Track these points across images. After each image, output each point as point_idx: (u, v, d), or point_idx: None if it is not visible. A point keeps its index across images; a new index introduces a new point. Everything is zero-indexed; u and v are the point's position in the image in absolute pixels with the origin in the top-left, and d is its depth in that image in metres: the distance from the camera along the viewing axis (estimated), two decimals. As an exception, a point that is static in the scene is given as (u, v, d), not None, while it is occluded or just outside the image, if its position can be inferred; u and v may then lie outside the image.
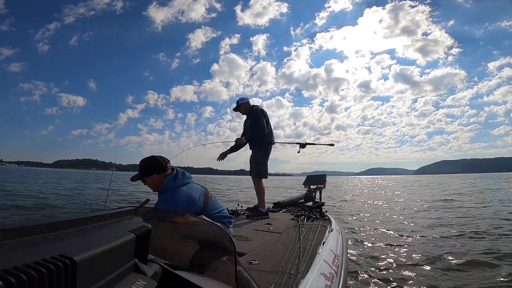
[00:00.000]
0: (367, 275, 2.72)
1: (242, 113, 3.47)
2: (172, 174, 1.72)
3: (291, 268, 1.35)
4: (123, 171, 79.35)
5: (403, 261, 3.18)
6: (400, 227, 5.26)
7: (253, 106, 3.45)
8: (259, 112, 3.35)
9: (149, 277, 0.55)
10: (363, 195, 14.49)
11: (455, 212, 7.00)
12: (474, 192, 13.79)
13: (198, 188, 1.76)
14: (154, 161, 1.73)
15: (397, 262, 3.14)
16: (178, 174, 1.72)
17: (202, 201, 1.69)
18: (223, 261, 0.80)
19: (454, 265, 3.00)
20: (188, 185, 1.72)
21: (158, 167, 1.71)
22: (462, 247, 3.68)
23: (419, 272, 2.81)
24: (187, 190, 1.68)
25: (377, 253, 3.46)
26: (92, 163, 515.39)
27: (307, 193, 4.09)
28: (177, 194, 1.64)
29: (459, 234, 4.46)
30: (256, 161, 3.36)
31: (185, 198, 1.63)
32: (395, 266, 3.02)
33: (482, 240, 4.00)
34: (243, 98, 3.46)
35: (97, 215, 0.58)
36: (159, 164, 1.72)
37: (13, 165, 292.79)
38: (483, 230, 4.69)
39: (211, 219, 1.60)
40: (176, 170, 1.75)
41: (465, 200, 10.13)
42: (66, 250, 0.38)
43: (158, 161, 1.73)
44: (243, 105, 3.42)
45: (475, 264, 2.97)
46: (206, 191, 1.79)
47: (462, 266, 2.94)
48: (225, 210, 1.90)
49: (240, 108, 3.43)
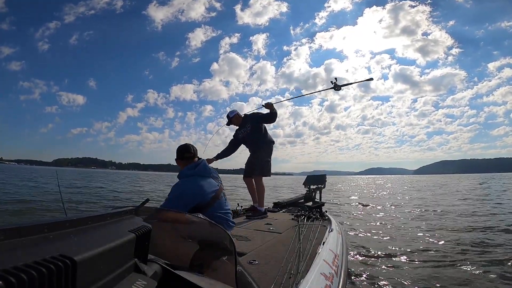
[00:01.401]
0: (367, 275, 2.72)
1: (235, 124, 3.55)
2: (194, 164, 1.87)
3: (291, 268, 1.35)
4: (123, 170, 79.28)
5: (403, 261, 3.19)
6: (401, 227, 5.26)
7: (245, 114, 3.57)
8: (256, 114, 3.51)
9: (149, 277, 0.55)
10: (364, 195, 14.49)
11: (456, 213, 7.00)
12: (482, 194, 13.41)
13: (213, 184, 1.84)
14: (178, 148, 1.98)
15: (397, 262, 3.14)
16: (199, 165, 1.86)
17: (210, 197, 1.76)
18: (223, 261, 0.80)
19: (454, 265, 3.00)
20: (204, 178, 1.82)
21: (179, 153, 1.95)
22: (463, 248, 3.68)
23: (420, 272, 2.81)
24: (199, 181, 1.77)
25: (377, 253, 3.46)
26: (92, 161, 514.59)
27: (307, 193, 4.09)
28: (188, 182, 1.75)
29: (460, 235, 4.47)
30: (262, 159, 3.41)
31: (193, 187, 1.73)
32: (395, 266, 3.02)
33: (485, 244, 3.98)
34: (232, 111, 3.54)
35: (97, 215, 0.58)
36: (180, 151, 1.95)
37: (12, 163, 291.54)
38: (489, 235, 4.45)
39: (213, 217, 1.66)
40: (201, 161, 1.90)
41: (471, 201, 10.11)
42: (66, 250, 0.38)
43: (180, 149, 1.97)
44: (235, 117, 3.50)
45: (477, 265, 2.96)
46: (219, 190, 1.86)
47: (463, 267, 2.94)
48: (230, 214, 1.94)
49: (233, 121, 3.51)
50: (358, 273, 2.77)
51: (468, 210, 7.41)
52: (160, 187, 17.02)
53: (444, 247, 3.74)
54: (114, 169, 70.04)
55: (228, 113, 3.54)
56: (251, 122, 3.45)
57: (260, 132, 3.44)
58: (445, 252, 3.49)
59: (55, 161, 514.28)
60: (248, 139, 3.49)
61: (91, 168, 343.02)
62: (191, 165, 1.86)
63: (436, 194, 14.00)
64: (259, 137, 3.44)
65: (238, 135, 3.55)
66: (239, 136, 3.54)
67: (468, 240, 4.05)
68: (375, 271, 2.86)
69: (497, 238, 4.14)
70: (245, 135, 3.49)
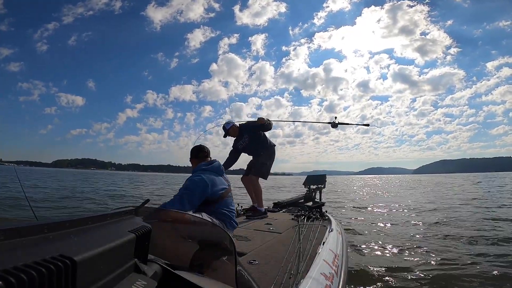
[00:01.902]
0: (367, 275, 2.72)
1: (232, 135, 3.58)
2: (208, 162, 2.01)
3: (291, 268, 1.35)
4: (123, 171, 78.99)
5: (403, 261, 3.19)
6: (401, 228, 5.26)
7: (240, 124, 3.60)
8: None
9: (149, 277, 0.55)
10: (364, 196, 14.49)
11: (457, 213, 7.00)
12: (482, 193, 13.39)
13: (223, 182, 1.94)
14: (194, 148, 2.16)
15: (398, 262, 3.14)
16: (214, 163, 1.99)
17: (220, 193, 1.85)
18: (223, 261, 0.80)
19: (455, 265, 3.00)
20: (217, 175, 1.93)
21: (194, 153, 2.12)
22: (464, 248, 3.68)
23: (420, 272, 2.81)
24: (212, 176, 1.89)
25: (377, 253, 3.46)
26: (91, 162, 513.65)
27: (307, 193, 4.09)
28: (201, 175, 1.86)
29: (460, 235, 4.46)
30: (261, 162, 3.46)
31: (206, 180, 1.83)
32: (396, 266, 3.02)
33: (487, 245, 3.98)
34: (229, 122, 3.57)
35: (97, 215, 0.58)
36: (195, 151, 2.13)
37: (12, 164, 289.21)
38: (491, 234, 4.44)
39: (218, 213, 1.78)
40: (215, 160, 2.05)
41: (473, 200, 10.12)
42: (66, 250, 0.38)
43: (195, 149, 2.14)
44: (232, 128, 3.53)
45: (478, 266, 2.96)
46: (228, 189, 1.96)
47: (463, 267, 2.94)
48: (235, 214, 2.01)
49: (230, 132, 3.54)
50: (358, 273, 2.77)
51: (467, 210, 7.42)
52: (160, 188, 17.00)
53: (444, 247, 3.74)
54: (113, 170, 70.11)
55: (224, 124, 3.56)
56: (247, 132, 3.51)
57: (259, 140, 3.50)
58: (445, 252, 3.49)
59: (55, 162, 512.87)
60: (248, 149, 3.56)
61: (91, 169, 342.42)
62: (206, 162, 2.01)
63: (435, 194, 14.00)
64: (258, 145, 3.50)
65: (238, 146, 3.59)
66: (239, 147, 3.59)
67: (468, 240, 4.06)
68: (375, 271, 2.85)
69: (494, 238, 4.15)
70: (245, 146, 3.54)
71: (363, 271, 2.81)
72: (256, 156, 3.54)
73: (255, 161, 3.52)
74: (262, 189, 3.45)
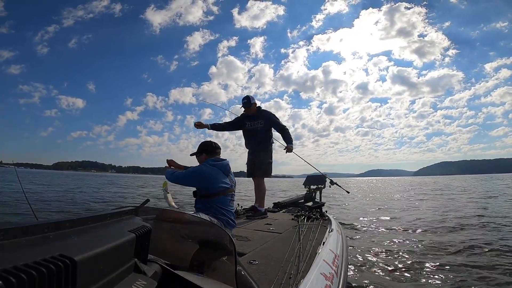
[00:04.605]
0: (367, 275, 2.72)
1: (249, 112, 3.37)
2: (217, 158, 1.98)
3: (291, 268, 1.35)
4: (123, 173, 78.86)
5: (403, 261, 3.18)
6: (401, 228, 5.26)
7: (259, 107, 3.42)
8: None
9: (149, 277, 0.55)
10: (363, 197, 14.49)
11: (458, 214, 7.00)
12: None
13: (227, 181, 1.94)
14: (207, 143, 2.07)
15: (398, 262, 3.14)
16: (223, 161, 1.97)
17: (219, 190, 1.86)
18: (223, 261, 0.80)
19: (455, 265, 3.00)
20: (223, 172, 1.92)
21: (208, 148, 2.03)
22: (465, 249, 3.68)
23: (420, 272, 2.81)
24: (218, 171, 1.89)
25: (377, 253, 3.46)
26: (92, 165, 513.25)
27: (307, 193, 4.08)
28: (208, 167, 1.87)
29: (460, 235, 4.47)
30: (265, 161, 3.38)
31: (213, 172, 1.85)
32: (396, 266, 3.01)
33: (488, 245, 3.97)
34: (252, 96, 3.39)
35: (97, 215, 0.58)
36: (209, 147, 2.03)
37: (12, 166, 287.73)
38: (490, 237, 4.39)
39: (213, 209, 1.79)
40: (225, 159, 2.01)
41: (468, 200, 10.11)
42: (66, 250, 0.38)
43: (209, 144, 2.05)
44: (255, 104, 3.37)
45: (479, 267, 2.96)
46: (230, 189, 1.95)
47: (463, 267, 2.94)
48: (233, 214, 1.99)
49: (252, 106, 3.34)
50: (358, 273, 2.77)
51: (468, 211, 7.42)
52: (160, 188, 16.97)
53: (444, 247, 3.74)
54: (114, 173, 69.90)
55: (250, 97, 3.34)
56: (265, 119, 3.35)
57: (270, 133, 3.40)
58: (445, 252, 3.49)
59: (55, 164, 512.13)
60: (256, 134, 3.37)
61: (91, 171, 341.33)
62: (215, 158, 1.98)
63: (433, 195, 14.00)
64: (266, 138, 3.37)
65: (245, 123, 3.41)
66: (246, 125, 3.41)
67: (468, 241, 4.06)
68: (376, 271, 2.86)
69: (491, 237, 4.15)
70: (254, 129, 3.37)
71: (363, 271, 2.81)
72: (256, 148, 3.40)
73: (258, 158, 3.38)
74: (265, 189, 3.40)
